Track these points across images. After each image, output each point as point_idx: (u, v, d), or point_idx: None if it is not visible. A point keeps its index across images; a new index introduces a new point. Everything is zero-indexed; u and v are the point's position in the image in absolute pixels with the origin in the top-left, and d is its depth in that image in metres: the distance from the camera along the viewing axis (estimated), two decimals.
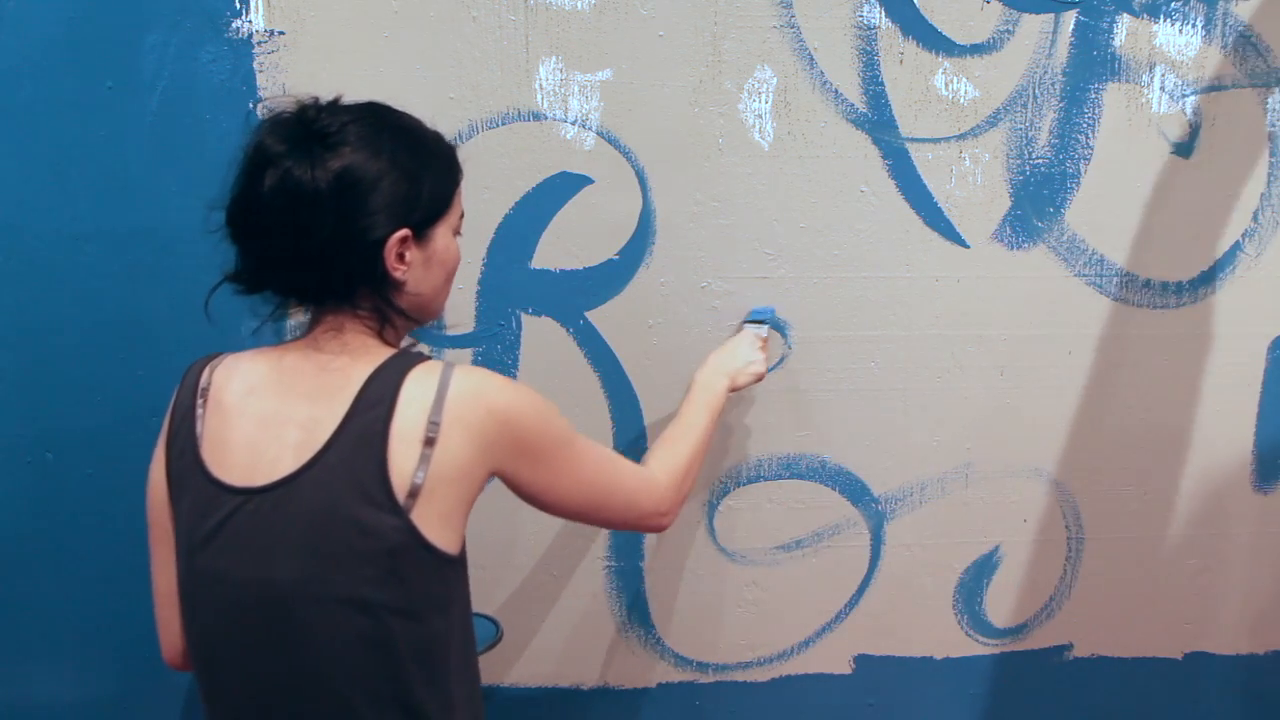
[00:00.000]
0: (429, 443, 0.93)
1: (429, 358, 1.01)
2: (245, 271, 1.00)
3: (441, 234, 1.03)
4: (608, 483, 1.08)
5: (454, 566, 0.98)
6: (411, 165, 0.99)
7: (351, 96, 1.36)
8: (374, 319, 1.00)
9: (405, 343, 1.07)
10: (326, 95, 1.02)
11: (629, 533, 1.52)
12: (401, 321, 1.03)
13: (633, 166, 1.42)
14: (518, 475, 1.01)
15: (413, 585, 0.95)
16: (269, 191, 0.93)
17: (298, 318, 1.07)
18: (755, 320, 1.45)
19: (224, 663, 0.98)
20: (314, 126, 0.96)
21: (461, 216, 1.08)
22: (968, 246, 1.49)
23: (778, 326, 1.48)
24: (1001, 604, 1.62)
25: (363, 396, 0.95)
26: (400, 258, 0.98)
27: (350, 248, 0.95)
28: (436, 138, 1.06)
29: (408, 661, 0.96)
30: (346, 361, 0.98)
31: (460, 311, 1.44)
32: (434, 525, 0.94)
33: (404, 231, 0.98)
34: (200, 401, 0.99)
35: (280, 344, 1.04)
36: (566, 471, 1.04)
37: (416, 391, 0.95)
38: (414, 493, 0.93)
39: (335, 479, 0.93)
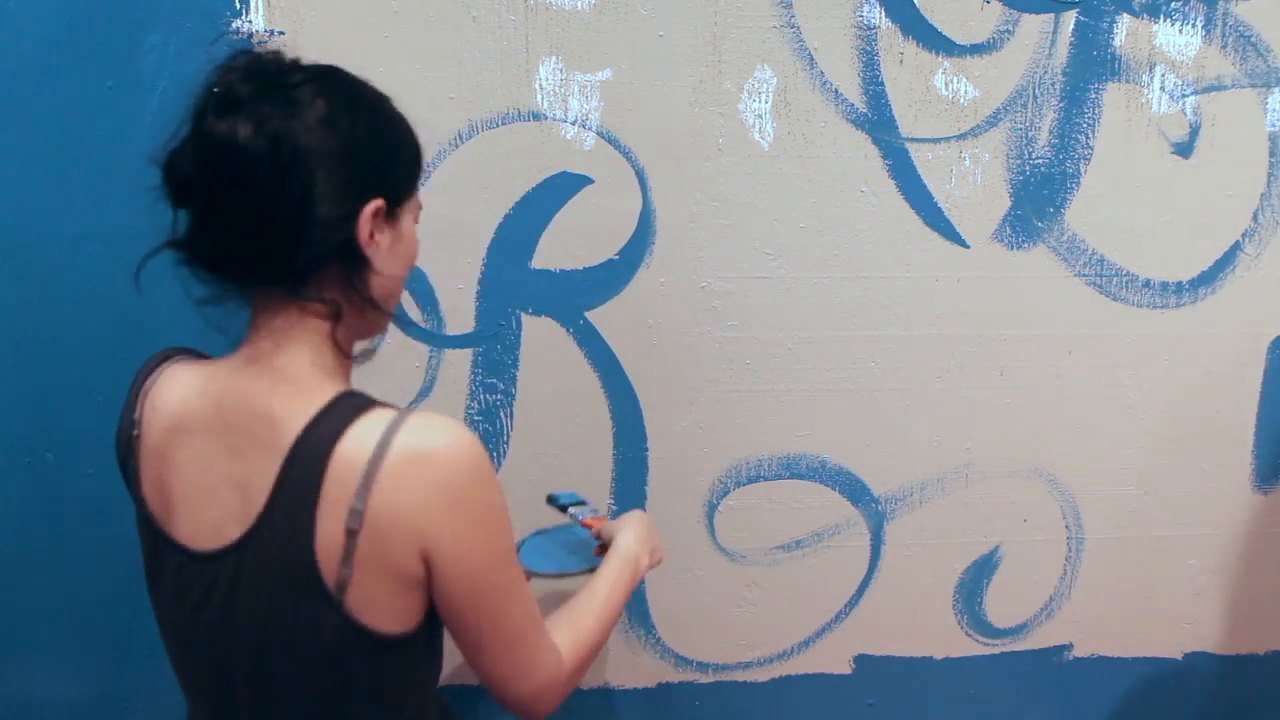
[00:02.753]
0: (350, 534, 0.80)
1: (376, 404, 0.85)
2: (195, 240, 0.85)
3: (407, 218, 0.92)
4: (519, 627, 0.89)
5: (410, 644, 0.88)
6: (389, 131, 0.90)
7: None
8: (324, 311, 0.86)
9: (359, 347, 0.95)
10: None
11: None
12: (358, 320, 0.90)
13: (633, 166, 1.42)
14: (440, 580, 0.84)
15: (362, 675, 0.86)
16: (243, 142, 0.79)
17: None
18: (570, 504, 1.35)
19: (193, 692, 0.97)
20: (287, 76, 0.83)
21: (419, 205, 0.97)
22: (968, 246, 1.49)
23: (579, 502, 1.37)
24: (1001, 604, 1.62)
25: (296, 455, 0.81)
26: (371, 235, 0.86)
27: (321, 212, 0.81)
28: (406, 120, 0.95)
29: None
30: (284, 394, 0.84)
31: (460, 311, 1.44)
32: (377, 611, 0.83)
33: (379, 202, 0.85)
34: (135, 433, 0.90)
35: (193, 361, 0.94)
36: (494, 595, 0.86)
37: (351, 461, 0.80)
38: (343, 585, 0.81)
39: (271, 559, 0.82)
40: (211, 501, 0.85)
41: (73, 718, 1.51)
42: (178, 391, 0.89)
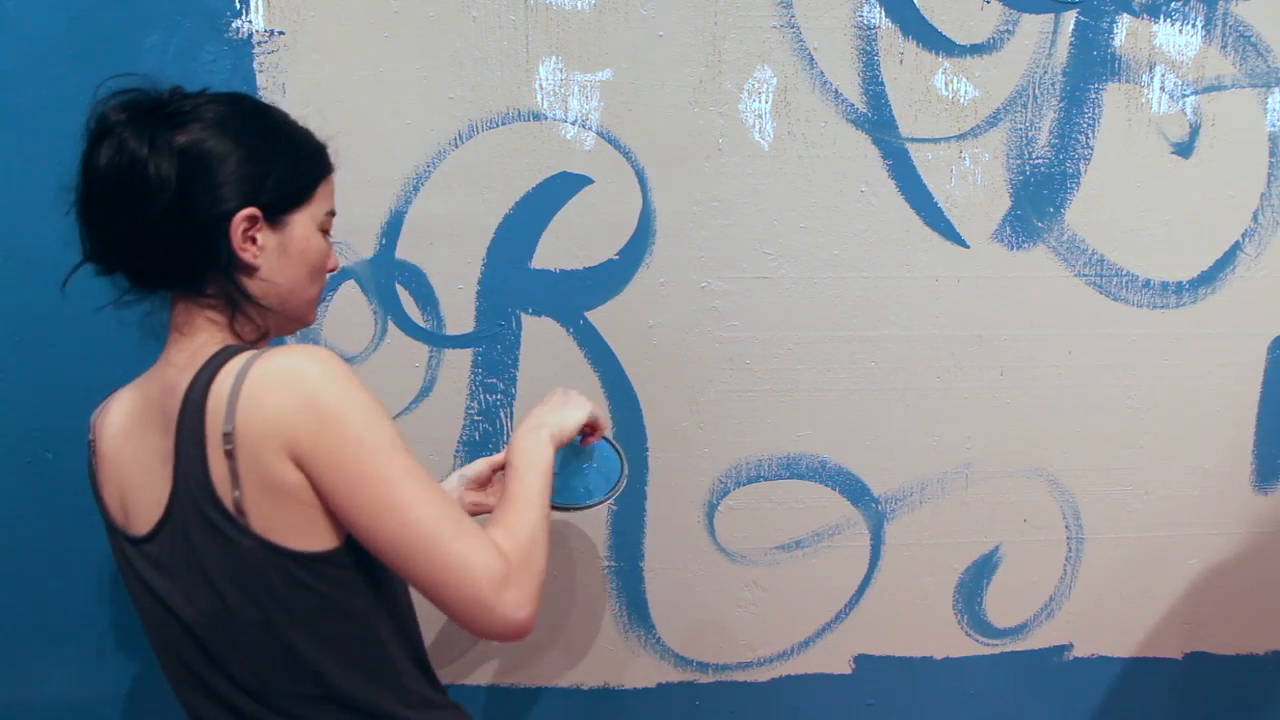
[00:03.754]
0: (229, 455, 0.86)
1: (250, 349, 0.93)
2: (93, 251, 0.95)
3: (301, 223, 0.98)
4: (432, 528, 0.87)
5: (330, 564, 0.91)
6: (262, 146, 0.95)
7: (352, 96, 1.37)
8: (224, 308, 0.95)
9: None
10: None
11: (630, 534, 1.52)
12: (256, 313, 0.97)
13: (633, 166, 1.42)
14: (318, 485, 0.87)
15: (292, 599, 0.90)
16: (106, 165, 0.89)
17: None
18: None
19: (171, 671, 1.01)
20: (167, 107, 0.93)
21: (331, 214, 1.03)
22: (968, 246, 1.49)
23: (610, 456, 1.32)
24: (1001, 604, 1.62)
25: (185, 408, 0.89)
26: (251, 240, 0.94)
27: (192, 222, 0.90)
28: (303, 132, 1.02)
29: (335, 666, 0.94)
30: (185, 369, 0.92)
31: (460, 311, 1.44)
32: (282, 528, 0.88)
33: (251, 210, 0.93)
34: (91, 455, 1.01)
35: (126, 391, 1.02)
36: (374, 488, 0.87)
37: (220, 394, 0.88)
38: (240, 507, 0.87)
39: (189, 508, 0.89)
40: (150, 484, 0.94)
41: (73, 718, 1.51)
42: (120, 403, 1.00)
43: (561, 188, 1.41)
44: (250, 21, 1.34)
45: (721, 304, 1.47)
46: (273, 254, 0.96)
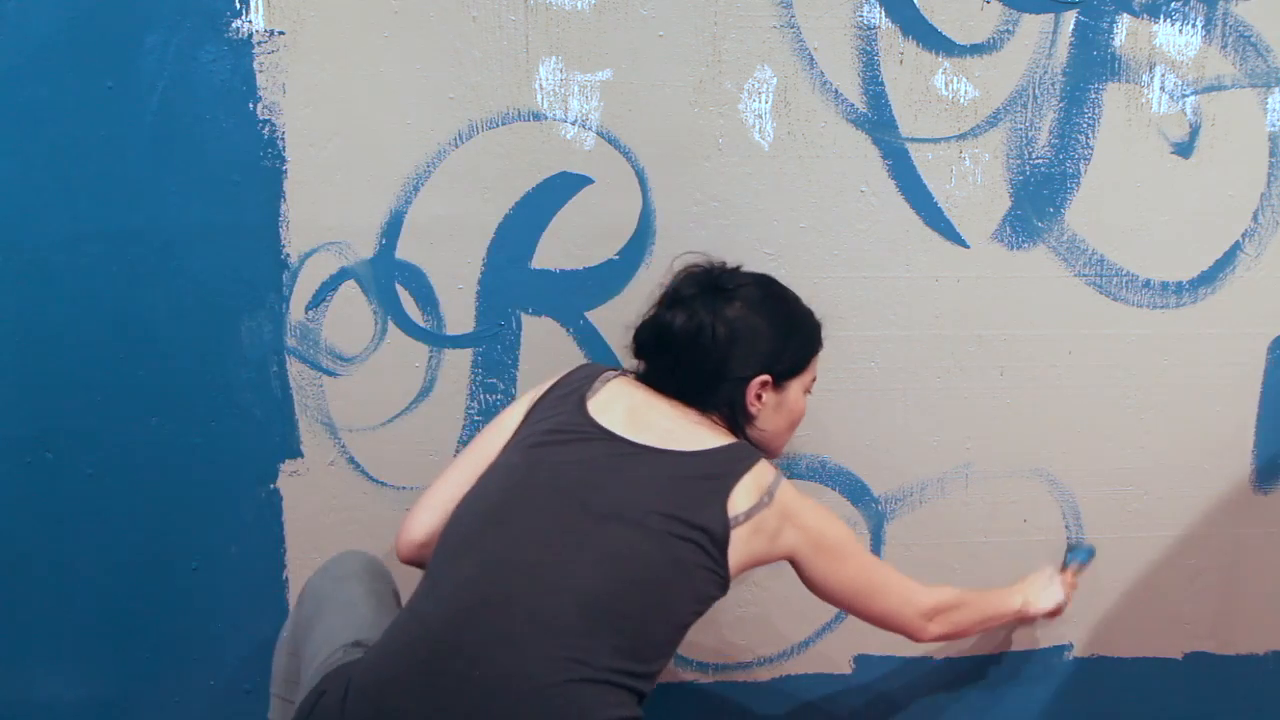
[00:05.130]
0: (760, 504, 1.14)
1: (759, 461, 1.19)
2: (648, 376, 1.24)
3: (795, 387, 1.26)
4: (875, 582, 1.26)
5: (715, 596, 1.13)
6: (784, 328, 1.24)
7: (352, 96, 1.37)
8: (724, 425, 1.22)
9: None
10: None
11: None
12: (745, 440, 1.22)
13: (633, 166, 1.42)
14: (803, 562, 1.20)
15: (697, 570, 1.09)
16: (678, 327, 1.20)
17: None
18: (1075, 558, 1.57)
19: (497, 526, 1.09)
20: (719, 281, 1.23)
21: (814, 380, 1.30)
22: (968, 246, 1.49)
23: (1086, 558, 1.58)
24: None
25: (728, 449, 1.16)
26: (759, 396, 1.22)
27: (725, 378, 1.20)
28: (808, 313, 1.30)
29: (655, 617, 1.07)
30: (712, 427, 1.20)
31: (460, 311, 1.44)
32: (737, 549, 1.12)
33: (765, 377, 1.21)
34: (600, 384, 1.22)
35: (665, 394, 1.22)
36: (843, 568, 1.22)
37: (764, 469, 1.16)
38: (738, 520, 1.12)
39: (692, 471, 1.12)
40: (646, 427, 1.19)
41: (73, 718, 1.51)
42: (643, 387, 1.25)
43: (561, 188, 1.41)
44: (250, 21, 1.34)
45: None
46: (770, 409, 1.24)
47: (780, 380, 1.24)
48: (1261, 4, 1.45)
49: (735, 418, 1.22)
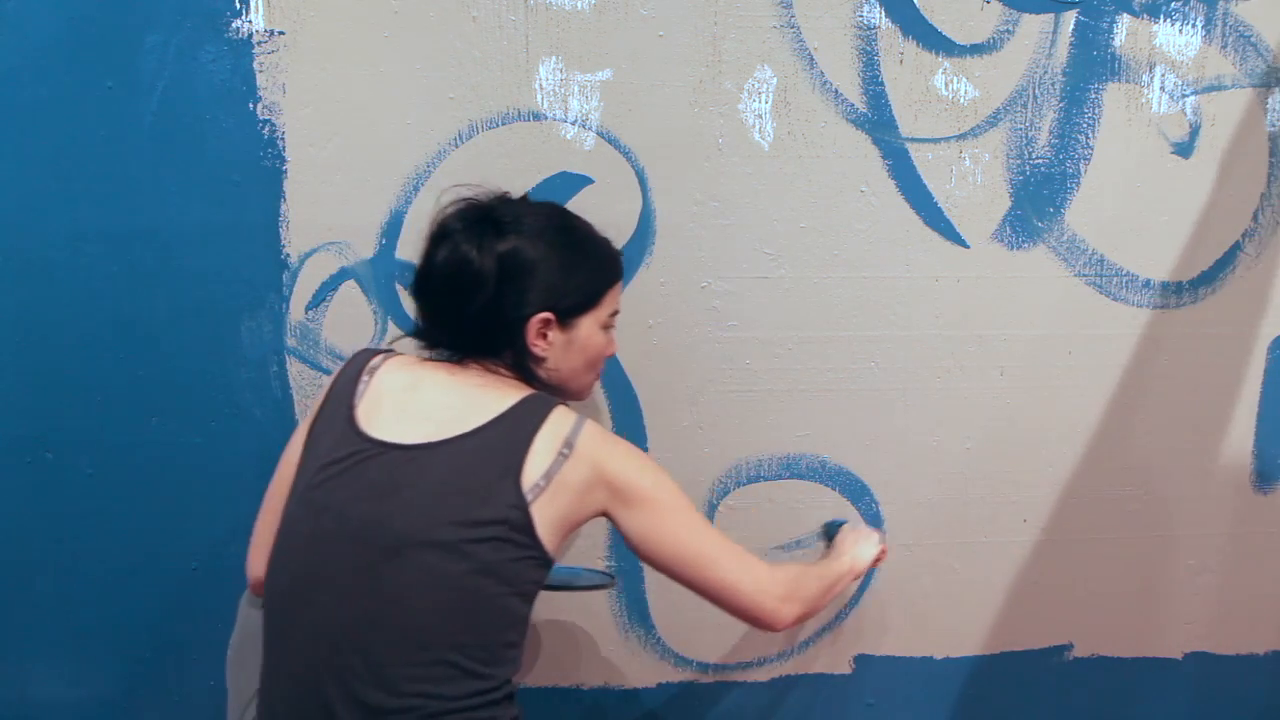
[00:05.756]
0: (560, 458, 1.06)
1: (567, 404, 1.13)
2: (422, 330, 1.16)
3: (587, 324, 1.17)
4: (707, 549, 1.12)
5: (541, 577, 1.08)
6: (568, 260, 1.14)
7: (352, 96, 1.37)
8: (517, 373, 1.14)
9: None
10: (516, 193, 1.21)
11: None
12: (541, 386, 1.15)
13: (633, 166, 1.42)
14: (618, 517, 1.10)
15: (508, 566, 1.04)
16: (440, 263, 1.10)
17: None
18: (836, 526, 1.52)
19: (302, 592, 1.05)
20: (492, 214, 1.13)
21: (614, 314, 1.21)
22: (968, 246, 1.49)
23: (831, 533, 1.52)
24: (1001, 604, 1.61)
25: (516, 409, 1.08)
26: (542, 336, 1.13)
27: (499, 320, 1.10)
28: (602, 243, 1.21)
29: (477, 624, 1.03)
30: (498, 385, 1.11)
31: None
32: (545, 521, 1.05)
33: (547, 315, 1.12)
34: (366, 378, 1.13)
35: (439, 361, 1.16)
36: (663, 523, 1.10)
37: (560, 419, 1.08)
38: (538, 487, 1.04)
39: (474, 456, 1.05)
40: (425, 417, 1.10)
41: (73, 718, 1.51)
42: (414, 365, 1.16)
43: (561, 188, 1.41)
44: (250, 21, 1.34)
45: (721, 304, 1.47)
46: (559, 349, 1.15)
47: (566, 317, 1.14)
48: (1261, 4, 1.45)
49: (522, 362, 1.13)
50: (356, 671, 1.01)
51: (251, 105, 1.35)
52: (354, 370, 1.14)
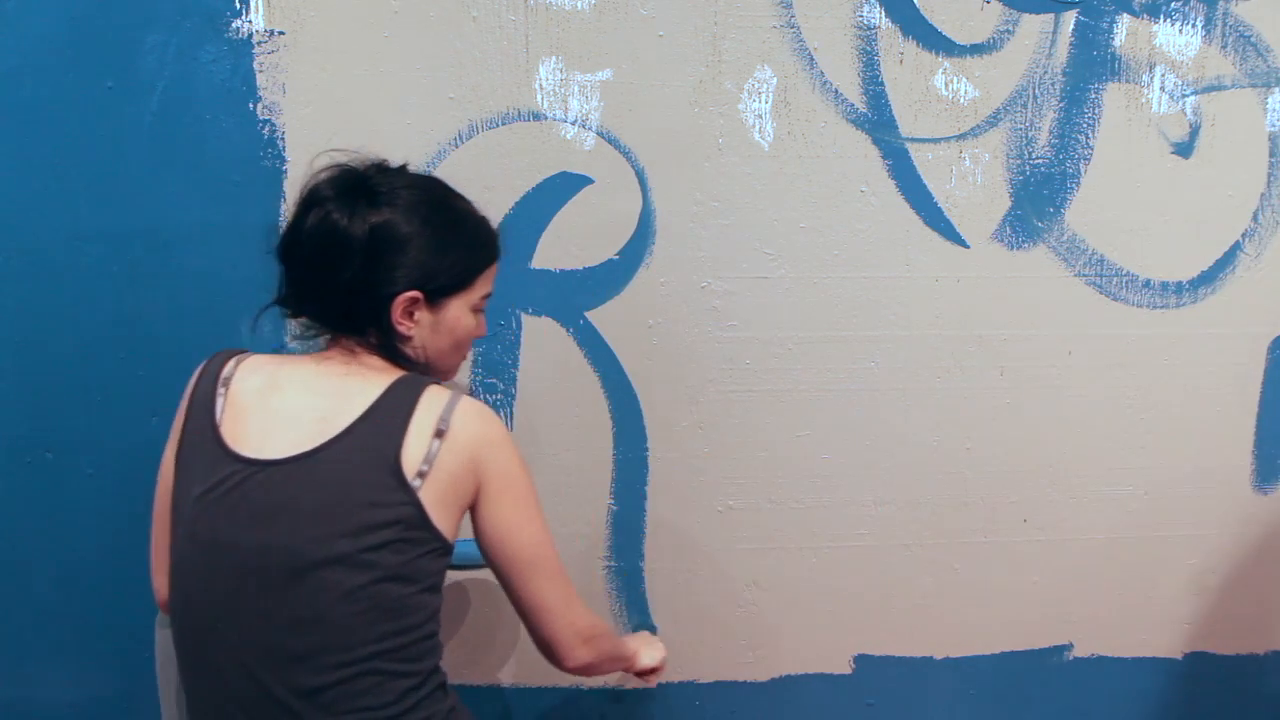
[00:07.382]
0: (439, 434, 1.03)
1: (439, 382, 1.10)
2: (286, 297, 1.10)
3: (455, 305, 1.12)
4: (543, 560, 1.10)
5: (444, 563, 1.07)
6: (441, 239, 1.09)
7: (352, 96, 1.37)
8: (383, 352, 1.09)
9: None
10: (395, 161, 1.13)
11: (629, 533, 1.52)
12: (407, 364, 1.11)
13: (633, 166, 1.42)
14: (480, 501, 1.07)
15: (411, 564, 1.02)
16: (309, 229, 1.05)
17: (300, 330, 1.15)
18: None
19: (209, 627, 1.02)
20: (368, 182, 1.07)
21: (486, 296, 1.16)
22: (968, 246, 1.49)
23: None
24: (1002, 603, 1.61)
25: (385, 398, 1.04)
26: (409, 315, 1.08)
27: (365, 295, 1.05)
28: (479, 222, 1.15)
29: (394, 627, 1.02)
30: (363, 373, 1.07)
31: None
32: (436, 509, 1.03)
33: (414, 293, 1.07)
34: (222, 390, 1.07)
35: (297, 355, 1.12)
36: (521, 520, 1.09)
37: (432, 400, 1.05)
38: (421, 475, 1.02)
39: (352, 458, 1.01)
40: (292, 423, 1.06)
41: (73, 718, 1.51)
42: (269, 365, 1.11)
43: (561, 188, 1.41)
44: (250, 21, 1.34)
45: (721, 304, 1.47)
46: (425, 329, 1.10)
47: (435, 298, 1.09)
48: (1261, 4, 1.45)
49: (388, 341, 1.09)
50: (284, 702, 0.99)
51: (251, 105, 1.35)
52: (209, 382, 1.08)
